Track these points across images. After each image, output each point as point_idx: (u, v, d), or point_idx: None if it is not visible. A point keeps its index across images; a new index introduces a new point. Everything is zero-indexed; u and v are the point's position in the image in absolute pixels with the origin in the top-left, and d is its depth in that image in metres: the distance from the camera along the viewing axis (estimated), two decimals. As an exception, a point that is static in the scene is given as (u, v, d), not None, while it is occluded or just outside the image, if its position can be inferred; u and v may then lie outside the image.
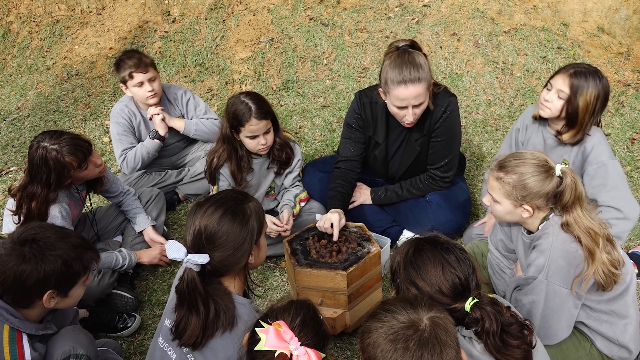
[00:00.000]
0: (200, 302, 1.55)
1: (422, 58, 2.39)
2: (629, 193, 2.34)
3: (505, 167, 1.84)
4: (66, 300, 1.78)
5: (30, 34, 5.22)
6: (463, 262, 1.52)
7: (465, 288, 1.50)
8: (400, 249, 1.61)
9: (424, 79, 2.36)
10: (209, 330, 1.56)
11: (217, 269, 1.61)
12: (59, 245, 1.71)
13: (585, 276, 1.76)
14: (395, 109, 2.46)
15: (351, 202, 2.83)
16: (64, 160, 2.29)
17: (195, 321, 1.56)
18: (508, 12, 4.48)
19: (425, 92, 2.41)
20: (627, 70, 4.06)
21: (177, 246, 1.58)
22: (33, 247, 1.67)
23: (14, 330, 1.70)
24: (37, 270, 1.66)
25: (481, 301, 1.48)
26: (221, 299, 1.59)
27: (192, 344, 1.57)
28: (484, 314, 1.46)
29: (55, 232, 1.75)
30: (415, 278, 1.52)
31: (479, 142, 3.64)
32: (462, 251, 1.56)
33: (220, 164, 2.70)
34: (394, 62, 2.38)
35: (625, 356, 1.93)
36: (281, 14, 4.82)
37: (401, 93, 2.37)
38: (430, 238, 1.59)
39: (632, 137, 3.52)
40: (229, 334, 1.57)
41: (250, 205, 1.68)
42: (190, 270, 1.56)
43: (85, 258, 1.77)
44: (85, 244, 1.81)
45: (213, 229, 1.59)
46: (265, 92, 4.28)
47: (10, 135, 4.12)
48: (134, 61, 2.91)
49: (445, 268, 1.50)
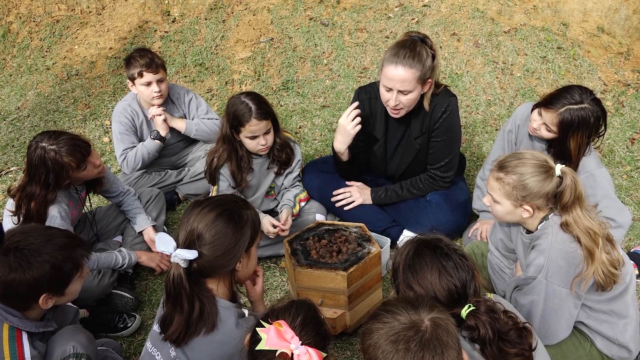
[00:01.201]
0: (185, 299, 1.55)
1: (425, 51, 2.39)
2: (618, 201, 2.42)
3: (505, 167, 1.85)
4: (64, 298, 1.78)
5: (30, 34, 5.22)
6: (462, 268, 1.51)
7: (462, 295, 1.50)
8: (402, 249, 1.60)
9: (417, 69, 2.36)
10: (192, 328, 1.56)
11: (203, 269, 1.60)
12: (45, 249, 1.68)
13: (585, 276, 1.76)
14: (384, 89, 2.48)
15: (351, 202, 2.83)
16: (63, 160, 2.29)
17: (179, 317, 1.56)
18: (508, 12, 4.48)
19: (415, 83, 2.40)
20: (627, 70, 4.06)
21: (167, 239, 1.57)
22: (17, 256, 1.65)
23: (14, 328, 1.70)
24: (25, 279, 1.64)
25: (477, 309, 1.47)
26: (206, 299, 1.59)
27: (175, 340, 1.57)
28: (478, 322, 1.45)
29: (39, 236, 1.72)
30: (412, 282, 1.52)
31: (478, 142, 3.64)
32: (462, 257, 1.54)
33: (221, 164, 2.70)
34: (396, 44, 2.42)
35: (625, 356, 1.93)
36: (281, 14, 4.82)
37: (389, 71, 2.38)
38: (432, 242, 1.57)
39: (632, 137, 3.52)
40: (210, 337, 1.57)
41: (248, 213, 1.67)
42: (177, 266, 1.56)
43: (75, 257, 1.75)
44: (73, 241, 1.78)
45: (206, 227, 1.58)
46: (265, 92, 4.28)
47: (10, 135, 4.12)
48: (146, 60, 2.91)
49: (442, 275, 1.49)
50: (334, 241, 2.31)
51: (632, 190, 3.12)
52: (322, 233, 2.37)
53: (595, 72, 4.05)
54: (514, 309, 1.64)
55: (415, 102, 2.51)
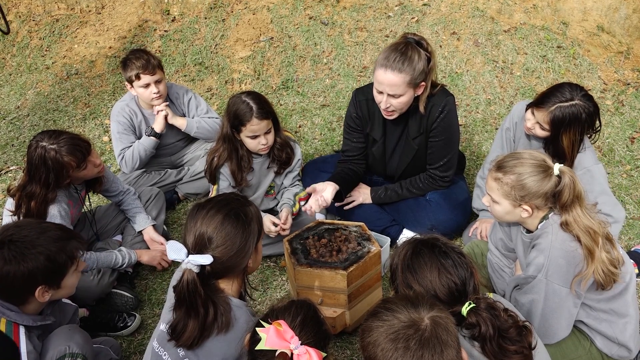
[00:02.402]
0: (200, 304, 1.54)
1: (417, 55, 2.37)
2: (613, 196, 2.46)
3: (504, 167, 1.84)
4: (61, 291, 1.79)
5: (30, 33, 5.21)
6: (460, 266, 1.52)
7: (462, 293, 1.50)
8: (400, 250, 1.61)
9: (407, 73, 2.35)
10: (206, 331, 1.56)
11: (217, 271, 1.60)
12: (39, 241, 1.70)
13: (585, 275, 1.76)
14: (376, 91, 2.49)
15: (351, 202, 2.83)
16: (63, 160, 2.29)
17: (194, 323, 1.55)
18: (508, 11, 4.48)
19: (405, 87, 2.39)
20: (627, 69, 4.06)
21: (177, 246, 1.56)
22: (11, 249, 1.66)
23: (11, 323, 1.71)
24: (20, 271, 1.65)
25: (478, 306, 1.48)
26: (219, 300, 1.59)
27: (189, 345, 1.56)
28: (479, 319, 1.45)
29: (33, 229, 1.74)
30: (412, 282, 1.52)
31: (478, 141, 3.64)
32: (460, 255, 1.55)
33: (221, 164, 2.70)
34: (389, 47, 2.41)
35: (624, 355, 1.94)
36: (281, 13, 4.82)
37: (379, 75, 2.39)
38: (429, 241, 1.58)
39: (631, 136, 3.52)
40: (223, 336, 1.56)
41: (251, 209, 1.68)
42: (190, 272, 1.55)
43: (69, 248, 1.76)
44: (67, 234, 1.80)
45: (216, 230, 1.58)
46: (265, 91, 4.28)
47: (9, 135, 4.11)
48: (142, 62, 2.90)
49: (441, 273, 1.50)
50: (333, 240, 2.31)
51: (631, 190, 3.12)
52: (322, 232, 2.37)
53: (595, 71, 4.05)
54: (513, 308, 1.65)
55: (407, 105, 2.50)
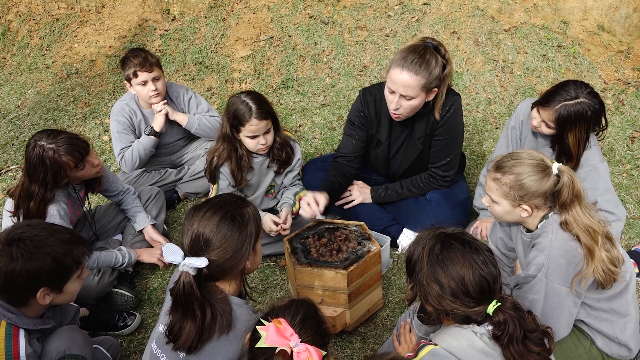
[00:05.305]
0: (196, 306, 1.53)
1: (435, 60, 2.36)
2: (616, 195, 2.47)
3: (502, 167, 1.84)
4: (62, 296, 1.78)
5: (30, 33, 5.21)
6: (491, 263, 1.50)
7: (491, 291, 1.49)
8: (422, 242, 1.58)
9: (423, 76, 2.34)
10: (205, 334, 1.55)
11: (214, 273, 1.59)
12: (48, 242, 1.69)
13: (585, 274, 1.76)
14: (387, 91, 2.47)
15: (351, 201, 2.83)
16: (61, 159, 2.28)
17: (191, 325, 1.54)
18: (508, 10, 4.48)
19: (418, 90, 2.38)
20: (627, 68, 4.06)
21: (174, 249, 1.55)
22: (20, 247, 1.65)
23: (11, 326, 1.70)
24: (25, 269, 1.65)
25: (504, 305, 1.47)
26: (217, 302, 1.58)
27: (188, 348, 1.55)
28: (507, 317, 1.44)
29: (43, 229, 1.74)
30: (441, 276, 1.49)
31: (479, 140, 3.64)
32: (490, 252, 1.53)
33: (221, 163, 2.70)
34: (407, 48, 2.39)
35: (625, 354, 1.93)
36: (281, 12, 4.81)
37: (395, 74, 2.37)
38: (457, 236, 1.56)
39: (632, 136, 3.52)
40: (226, 337, 1.56)
41: (248, 210, 1.67)
42: (186, 274, 1.54)
43: (76, 253, 1.75)
44: (76, 239, 1.79)
45: (212, 233, 1.57)
46: (265, 90, 4.27)
47: (9, 134, 4.12)
48: (139, 60, 2.91)
49: (475, 269, 1.48)
50: (334, 240, 2.31)
51: (632, 189, 3.12)
52: (322, 231, 2.37)
53: (596, 70, 4.05)
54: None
55: (416, 109, 2.49)
